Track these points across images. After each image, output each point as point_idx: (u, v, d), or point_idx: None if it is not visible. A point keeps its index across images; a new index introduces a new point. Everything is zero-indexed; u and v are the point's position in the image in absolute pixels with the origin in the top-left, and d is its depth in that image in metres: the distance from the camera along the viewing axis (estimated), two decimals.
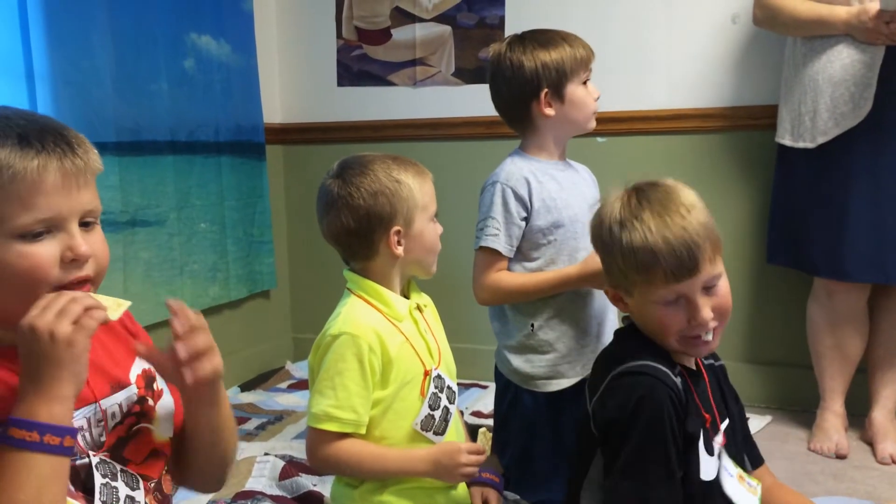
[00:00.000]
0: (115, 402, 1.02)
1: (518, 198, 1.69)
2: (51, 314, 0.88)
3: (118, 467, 1.00)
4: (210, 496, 1.79)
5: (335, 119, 2.97)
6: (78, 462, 0.95)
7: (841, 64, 2.03)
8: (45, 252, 0.91)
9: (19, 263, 0.89)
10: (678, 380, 1.21)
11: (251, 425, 2.35)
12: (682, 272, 1.18)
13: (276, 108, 3.02)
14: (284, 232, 3.07)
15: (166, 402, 1.11)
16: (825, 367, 2.22)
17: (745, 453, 1.37)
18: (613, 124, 2.64)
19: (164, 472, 1.08)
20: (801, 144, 2.13)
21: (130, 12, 2.22)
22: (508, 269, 1.72)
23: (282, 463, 1.93)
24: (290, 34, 3.00)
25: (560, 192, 1.74)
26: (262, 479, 1.89)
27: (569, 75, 1.74)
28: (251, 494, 1.81)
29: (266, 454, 2.02)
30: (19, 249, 0.89)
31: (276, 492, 1.85)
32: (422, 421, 1.38)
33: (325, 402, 1.31)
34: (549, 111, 1.73)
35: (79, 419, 0.97)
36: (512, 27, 2.73)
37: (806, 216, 2.17)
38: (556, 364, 1.71)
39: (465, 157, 2.81)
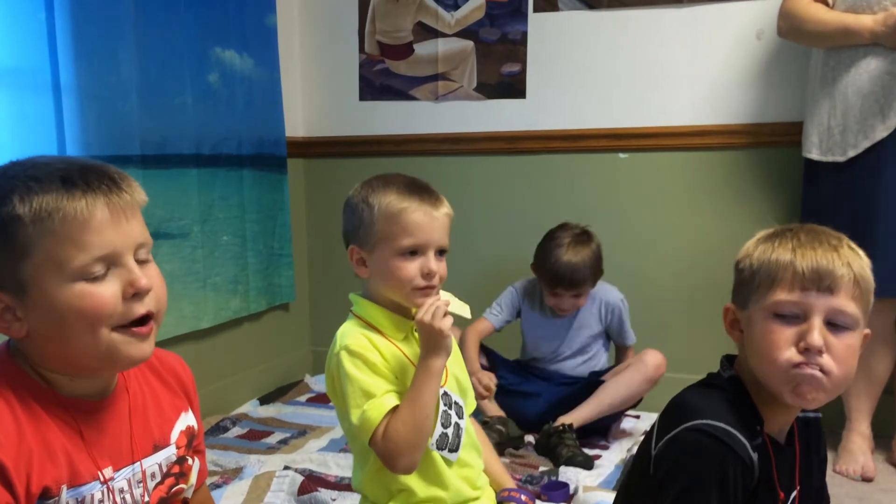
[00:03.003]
0: (154, 461, 1.05)
1: None
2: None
3: None
4: None
5: (357, 133, 2.98)
6: None
7: (869, 76, 2.01)
8: (107, 290, 0.92)
9: (82, 304, 0.91)
10: (755, 455, 1.08)
11: (273, 439, 2.35)
12: (815, 283, 1.06)
13: (299, 121, 3.03)
14: (305, 245, 3.08)
15: (195, 464, 1.14)
16: (851, 387, 2.18)
17: None
18: (636, 140, 2.64)
19: None
20: (830, 158, 2.11)
21: (156, 27, 2.24)
22: None
23: (300, 478, 1.92)
24: (313, 48, 3.02)
25: None
26: (280, 493, 1.88)
27: None
28: None
29: (286, 468, 2.01)
30: (81, 290, 0.91)
31: None
32: (437, 440, 1.37)
33: (361, 408, 1.31)
34: None
35: (119, 480, 0.99)
36: (534, 43, 2.73)
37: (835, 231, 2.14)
38: None
39: (487, 172, 2.81)
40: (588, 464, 2.07)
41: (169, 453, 1.07)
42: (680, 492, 1.07)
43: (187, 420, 1.12)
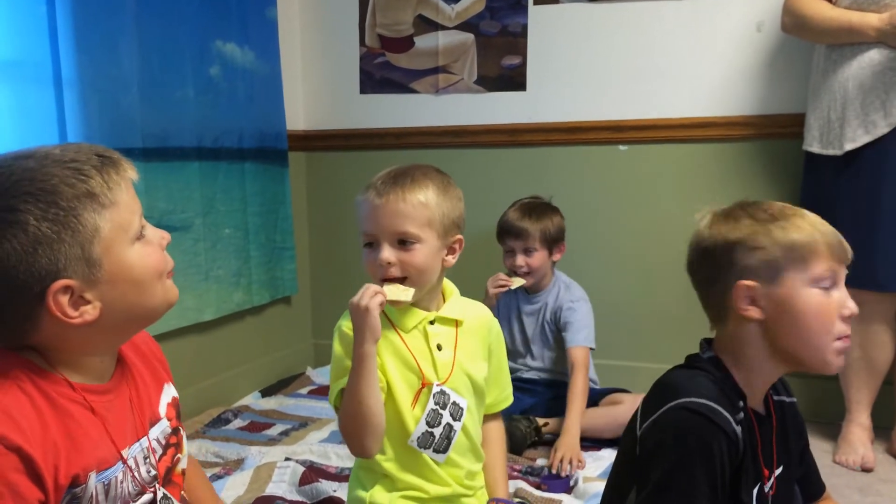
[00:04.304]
0: (153, 436, 1.09)
1: None
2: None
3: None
4: None
5: (357, 126, 2.98)
6: (142, 500, 1.03)
7: (872, 71, 2.01)
8: (156, 246, 1.03)
9: (151, 259, 1.01)
10: (738, 428, 1.11)
11: (275, 431, 2.36)
12: (842, 255, 1.16)
13: (299, 115, 3.03)
14: (306, 238, 3.08)
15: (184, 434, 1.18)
16: (851, 378, 2.19)
17: (802, 490, 1.31)
18: (637, 132, 2.64)
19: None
20: (829, 152, 2.11)
21: (157, 20, 2.24)
22: None
23: (302, 468, 1.93)
24: (314, 42, 3.02)
25: None
26: (282, 484, 1.89)
27: None
28: (271, 500, 1.81)
29: (287, 459, 2.02)
30: (141, 249, 1.00)
31: (296, 497, 1.85)
32: (419, 438, 1.36)
33: (334, 385, 1.37)
34: None
35: (129, 459, 1.02)
36: (534, 35, 2.73)
37: (835, 225, 2.14)
38: None
39: (487, 165, 2.81)
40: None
41: (164, 426, 1.11)
42: (666, 469, 1.09)
43: (171, 392, 1.15)
